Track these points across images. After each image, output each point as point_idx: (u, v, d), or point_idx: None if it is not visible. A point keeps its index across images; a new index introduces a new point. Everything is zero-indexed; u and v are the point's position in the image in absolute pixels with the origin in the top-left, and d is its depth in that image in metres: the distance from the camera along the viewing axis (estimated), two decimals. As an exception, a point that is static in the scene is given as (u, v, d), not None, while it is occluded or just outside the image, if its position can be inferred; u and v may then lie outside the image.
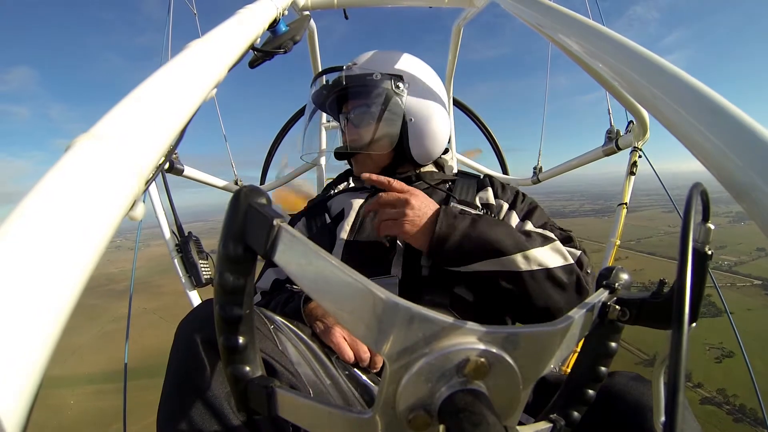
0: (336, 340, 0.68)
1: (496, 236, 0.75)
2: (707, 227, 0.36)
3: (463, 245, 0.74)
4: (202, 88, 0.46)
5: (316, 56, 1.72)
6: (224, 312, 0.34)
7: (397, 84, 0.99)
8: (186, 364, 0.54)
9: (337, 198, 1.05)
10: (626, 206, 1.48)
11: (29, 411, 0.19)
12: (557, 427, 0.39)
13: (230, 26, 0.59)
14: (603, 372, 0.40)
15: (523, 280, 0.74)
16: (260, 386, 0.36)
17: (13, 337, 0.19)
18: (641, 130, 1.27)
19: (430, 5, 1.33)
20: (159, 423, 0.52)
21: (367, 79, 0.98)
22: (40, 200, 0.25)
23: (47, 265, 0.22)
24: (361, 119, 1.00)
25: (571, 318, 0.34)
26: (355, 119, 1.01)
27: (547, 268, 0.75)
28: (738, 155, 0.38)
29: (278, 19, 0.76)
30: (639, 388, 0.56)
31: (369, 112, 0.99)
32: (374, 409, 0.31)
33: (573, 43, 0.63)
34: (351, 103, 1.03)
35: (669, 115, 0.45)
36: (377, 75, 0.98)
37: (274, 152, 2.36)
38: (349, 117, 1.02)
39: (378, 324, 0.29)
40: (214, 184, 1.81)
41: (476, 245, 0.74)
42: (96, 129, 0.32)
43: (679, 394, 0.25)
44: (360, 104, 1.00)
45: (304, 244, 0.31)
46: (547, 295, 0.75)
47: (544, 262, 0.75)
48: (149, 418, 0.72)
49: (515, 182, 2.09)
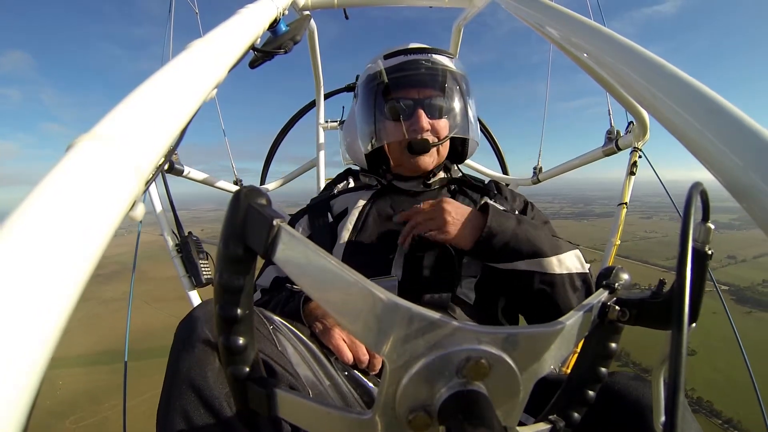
0: (335, 342, 0.68)
1: (538, 237, 0.79)
2: (707, 227, 0.36)
3: (510, 243, 0.78)
4: (202, 88, 0.46)
5: (316, 56, 1.72)
6: (224, 312, 0.34)
7: (467, 80, 1.02)
8: (185, 364, 0.54)
9: (341, 197, 1.05)
10: (626, 206, 1.48)
11: (29, 412, 0.19)
12: (557, 427, 0.39)
13: (230, 26, 0.59)
14: (603, 372, 0.40)
15: (555, 282, 0.78)
16: (260, 387, 0.36)
17: (13, 337, 0.19)
18: (641, 130, 1.27)
19: (430, 5, 1.34)
20: (158, 423, 0.52)
21: (455, 72, 0.99)
22: (42, 199, 0.25)
23: (48, 264, 0.22)
24: (448, 111, 0.97)
25: (570, 318, 0.34)
26: (438, 110, 0.96)
27: (570, 273, 0.79)
28: (738, 156, 0.38)
29: (278, 19, 0.76)
30: (639, 389, 0.56)
31: (454, 104, 0.99)
32: (374, 410, 0.31)
33: (573, 43, 0.63)
34: (431, 92, 0.96)
35: (669, 115, 0.45)
36: (460, 68, 0.99)
37: (274, 152, 2.36)
38: (429, 105, 0.95)
39: (378, 324, 0.29)
40: (215, 185, 1.81)
41: (522, 244, 0.78)
42: (97, 129, 0.32)
43: (679, 394, 0.25)
44: (440, 95, 0.96)
45: (303, 244, 0.31)
46: (567, 297, 0.79)
47: (570, 267, 0.80)
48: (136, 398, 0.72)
49: (515, 182, 2.09)
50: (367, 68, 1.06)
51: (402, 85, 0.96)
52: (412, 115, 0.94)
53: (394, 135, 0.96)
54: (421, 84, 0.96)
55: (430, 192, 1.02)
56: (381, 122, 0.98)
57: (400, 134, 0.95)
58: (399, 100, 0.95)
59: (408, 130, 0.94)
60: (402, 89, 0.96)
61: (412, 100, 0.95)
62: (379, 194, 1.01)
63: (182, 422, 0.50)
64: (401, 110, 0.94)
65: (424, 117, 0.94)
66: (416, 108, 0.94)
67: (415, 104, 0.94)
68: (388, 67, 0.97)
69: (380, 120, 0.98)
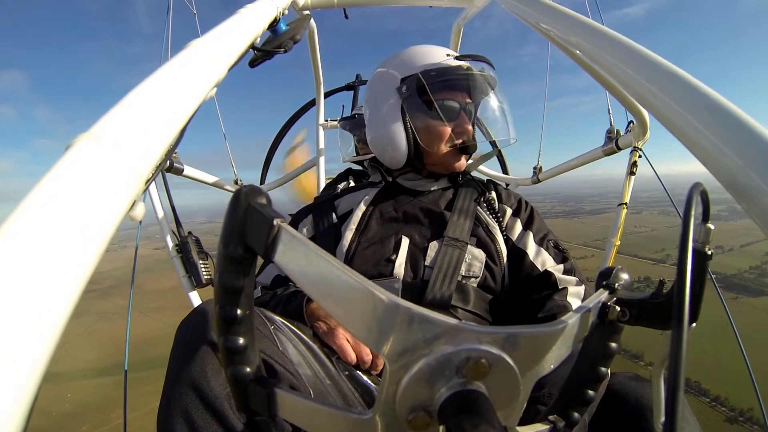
0: (339, 342, 0.68)
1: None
2: (707, 227, 0.36)
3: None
4: (201, 87, 0.46)
5: (316, 56, 1.72)
6: (224, 312, 0.34)
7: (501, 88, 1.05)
8: (186, 364, 0.54)
9: (346, 197, 1.05)
10: (626, 206, 1.48)
11: (29, 412, 0.19)
12: (557, 427, 0.39)
13: (230, 26, 0.58)
14: (603, 372, 0.40)
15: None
16: (260, 387, 0.36)
17: (13, 338, 0.19)
18: (641, 130, 1.27)
19: (430, 5, 1.33)
20: (159, 423, 0.52)
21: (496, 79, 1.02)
22: (41, 200, 0.25)
23: (48, 264, 0.22)
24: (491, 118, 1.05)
25: (571, 318, 0.34)
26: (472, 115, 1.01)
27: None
28: (738, 155, 0.38)
29: (278, 18, 0.75)
30: (639, 389, 0.56)
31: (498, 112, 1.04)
32: (374, 410, 0.31)
33: (573, 42, 0.63)
34: (480, 98, 1.02)
35: (669, 115, 0.45)
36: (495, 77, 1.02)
37: (274, 151, 2.36)
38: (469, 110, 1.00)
39: (378, 325, 0.29)
40: (214, 184, 1.81)
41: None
42: (96, 129, 0.32)
43: (679, 394, 0.25)
44: (489, 102, 1.03)
45: (304, 244, 0.30)
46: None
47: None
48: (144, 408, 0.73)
49: (515, 182, 2.09)
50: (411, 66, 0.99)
51: (453, 88, 0.97)
52: (457, 118, 0.97)
53: (442, 134, 0.97)
54: (467, 89, 0.99)
55: (431, 192, 1.03)
56: (426, 120, 0.97)
57: (447, 134, 0.97)
58: (449, 101, 0.97)
59: (455, 131, 0.97)
60: (451, 92, 0.97)
61: (458, 103, 0.97)
62: (383, 194, 1.01)
63: (183, 422, 0.50)
64: (452, 112, 0.97)
65: (468, 120, 0.99)
66: (461, 111, 0.98)
67: (460, 108, 0.98)
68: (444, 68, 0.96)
69: (425, 118, 0.97)
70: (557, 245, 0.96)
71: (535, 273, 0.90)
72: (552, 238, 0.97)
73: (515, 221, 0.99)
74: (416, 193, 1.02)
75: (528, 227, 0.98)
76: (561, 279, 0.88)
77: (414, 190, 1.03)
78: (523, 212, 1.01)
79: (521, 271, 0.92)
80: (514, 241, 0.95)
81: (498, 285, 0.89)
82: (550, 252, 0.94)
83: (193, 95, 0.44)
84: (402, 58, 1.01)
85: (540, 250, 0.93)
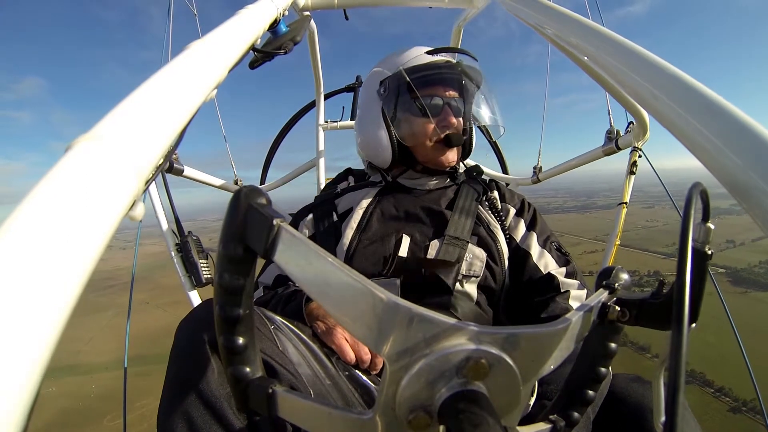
0: (338, 341, 0.68)
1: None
2: (707, 227, 0.36)
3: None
4: (202, 88, 0.46)
5: (316, 57, 1.72)
6: (224, 312, 0.34)
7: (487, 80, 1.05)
8: (186, 364, 0.54)
9: (346, 196, 1.05)
10: (626, 206, 1.48)
11: (29, 412, 0.19)
12: (557, 427, 0.39)
13: (230, 27, 0.58)
14: (603, 372, 0.40)
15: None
16: (260, 387, 0.36)
17: (13, 338, 0.19)
18: (641, 130, 1.27)
19: (430, 5, 1.33)
20: (159, 423, 0.52)
21: (484, 74, 1.02)
22: (41, 200, 0.25)
23: (48, 264, 0.22)
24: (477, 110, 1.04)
25: (570, 319, 0.34)
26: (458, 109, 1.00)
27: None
28: (738, 155, 0.38)
29: (278, 19, 0.75)
30: (639, 390, 0.56)
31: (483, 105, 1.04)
32: (374, 410, 0.31)
33: (573, 43, 0.63)
34: (466, 90, 1.01)
35: (669, 115, 0.45)
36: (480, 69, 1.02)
37: (274, 152, 2.36)
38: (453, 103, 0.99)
39: (378, 324, 0.29)
40: (214, 184, 1.81)
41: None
42: (96, 129, 0.32)
43: (679, 394, 0.25)
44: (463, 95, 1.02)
45: (304, 244, 0.31)
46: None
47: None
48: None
49: (515, 182, 2.08)
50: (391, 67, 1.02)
51: (431, 83, 0.98)
52: (440, 112, 0.98)
53: (425, 130, 0.98)
54: (447, 83, 0.99)
55: (432, 191, 1.03)
56: (409, 118, 0.99)
57: (431, 129, 0.98)
58: (429, 97, 0.98)
59: (438, 126, 0.97)
60: (430, 87, 0.98)
61: (441, 98, 0.98)
62: (384, 193, 1.01)
63: (183, 422, 0.50)
64: (434, 107, 0.98)
65: (452, 114, 0.99)
66: (444, 106, 0.98)
67: (444, 102, 0.98)
68: (419, 65, 0.99)
69: (407, 116, 0.99)
70: (560, 248, 0.96)
71: (537, 275, 0.90)
72: (555, 241, 0.97)
73: (519, 221, 0.99)
74: (416, 191, 1.02)
75: (532, 228, 0.98)
76: (563, 282, 0.88)
77: (414, 188, 1.03)
78: (526, 213, 1.01)
79: (523, 271, 0.92)
80: (518, 242, 0.95)
81: (498, 285, 0.89)
82: (553, 254, 0.93)
83: (193, 96, 0.44)
84: (383, 62, 1.05)
85: (543, 252, 0.93)
